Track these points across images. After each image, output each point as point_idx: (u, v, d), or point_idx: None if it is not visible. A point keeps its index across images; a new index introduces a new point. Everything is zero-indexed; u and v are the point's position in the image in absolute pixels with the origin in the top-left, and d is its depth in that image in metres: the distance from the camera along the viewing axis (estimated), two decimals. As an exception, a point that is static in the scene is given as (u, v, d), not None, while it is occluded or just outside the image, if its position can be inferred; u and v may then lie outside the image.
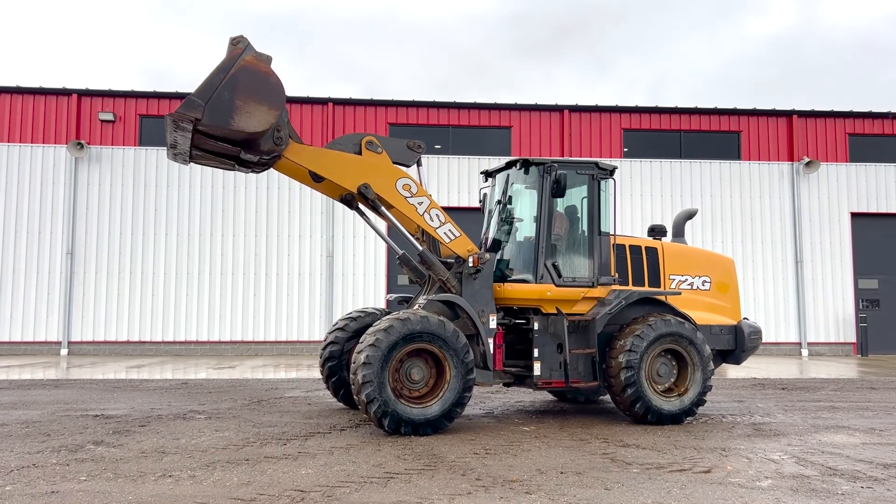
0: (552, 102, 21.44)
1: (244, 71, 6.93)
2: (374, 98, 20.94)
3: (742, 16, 67.70)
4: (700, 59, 65.90)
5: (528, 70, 66.62)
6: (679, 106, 21.74)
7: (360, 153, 8.01)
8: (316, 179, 8.09)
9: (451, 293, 8.09)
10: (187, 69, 61.94)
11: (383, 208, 8.11)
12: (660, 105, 21.78)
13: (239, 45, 6.97)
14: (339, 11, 66.46)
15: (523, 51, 68.65)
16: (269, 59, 7.12)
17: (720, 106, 21.83)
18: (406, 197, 8.08)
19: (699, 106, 21.79)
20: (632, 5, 68.75)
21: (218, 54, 63.34)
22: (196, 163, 7.87)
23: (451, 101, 21.17)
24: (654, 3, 68.01)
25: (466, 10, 67.35)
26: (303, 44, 65.78)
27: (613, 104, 21.64)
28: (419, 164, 8.63)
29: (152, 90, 20.44)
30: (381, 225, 10.21)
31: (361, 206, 8.57)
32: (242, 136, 7.12)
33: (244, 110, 6.92)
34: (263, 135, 7.25)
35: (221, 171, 20.05)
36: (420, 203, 8.12)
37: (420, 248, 8.17)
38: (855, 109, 21.95)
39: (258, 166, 7.88)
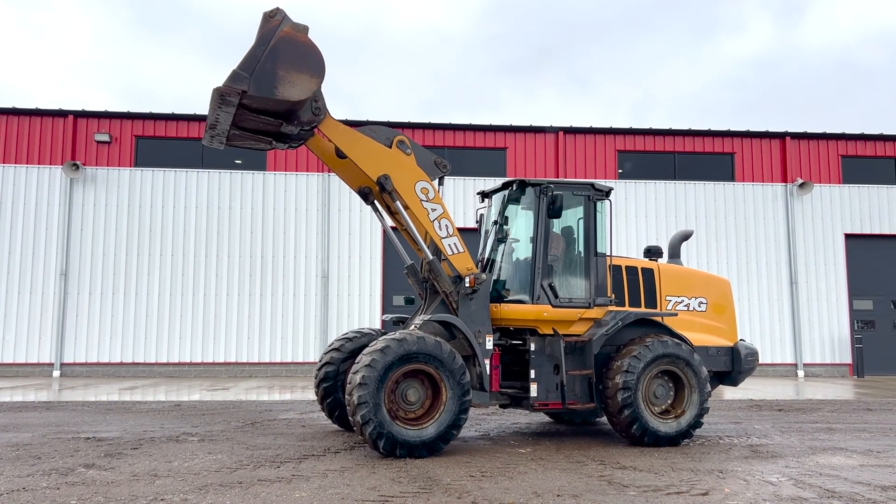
0: (546, 124, 21.58)
1: (284, 41, 7.03)
2: (370, 120, 21.03)
3: (720, 37, 68.61)
4: (679, 80, 66.74)
5: (509, 90, 67.33)
6: (673, 128, 21.90)
7: (390, 148, 8.11)
8: (340, 156, 8.25)
9: (453, 308, 8.08)
10: (166, 89, 62.22)
11: (398, 203, 8.14)
12: (654, 127, 21.94)
13: (276, 18, 7.06)
14: (316, 32, 66.88)
15: (503, 71, 69.37)
16: (306, 29, 7.22)
17: (713, 128, 22.00)
18: (422, 200, 8.12)
19: (693, 128, 21.96)
20: (609, 26, 69.68)
21: (198, 75, 63.70)
22: (231, 144, 7.98)
23: (447, 122, 21.29)
24: (631, 24, 68.93)
25: (444, 32, 68.04)
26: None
27: (608, 126, 21.79)
28: (441, 183, 8.71)
29: (148, 111, 20.49)
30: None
31: (377, 203, 8.64)
32: (286, 106, 7.25)
33: (287, 80, 7.04)
34: (304, 104, 7.39)
35: (216, 190, 20.08)
36: (433, 209, 8.15)
37: (430, 256, 8.17)
38: (847, 131, 22.15)
39: (295, 140, 8.03)
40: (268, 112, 7.37)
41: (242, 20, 64.88)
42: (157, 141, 20.58)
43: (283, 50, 7.00)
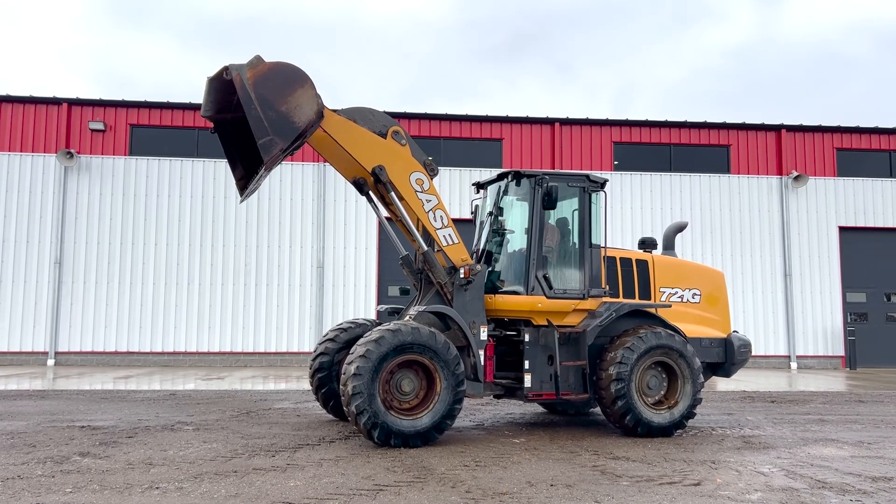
0: (533, 112, 21.59)
1: (258, 85, 7.11)
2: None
3: (700, 26, 68.30)
4: (660, 69, 66.39)
5: (489, 77, 66.92)
6: (669, 119, 21.89)
7: (384, 137, 8.11)
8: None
9: (448, 299, 8.09)
10: (142, 75, 61.67)
11: (393, 194, 8.15)
12: (650, 119, 21.93)
13: (234, 74, 7.10)
14: (292, 18, 66.33)
15: (481, 58, 68.87)
16: (259, 59, 7.26)
17: (707, 119, 22.02)
18: (416, 191, 8.14)
19: (688, 119, 21.96)
20: (588, 14, 69.24)
21: (175, 60, 63.00)
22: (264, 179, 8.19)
23: (443, 112, 21.23)
24: (610, 10, 68.53)
25: (421, 18, 67.49)
26: (259, 51, 65.54)
27: (604, 117, 21.77)
28: None
29: (143, 100, 20.38)
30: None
31: (372, 194, 8.64)
32: (309, 125, 7.43)
33: (294, 109, 7.21)
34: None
35: (210, 179, 20.04)
36: (428, 201, 8.18)
37: (425, 247, 8.17)
38: (842, 124, 22.17)
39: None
40: (299, 138, 7.50)
41: (218, 4, 64.28)
42: (151, 129, 20.49)
43: (265, 92, 7.09)
